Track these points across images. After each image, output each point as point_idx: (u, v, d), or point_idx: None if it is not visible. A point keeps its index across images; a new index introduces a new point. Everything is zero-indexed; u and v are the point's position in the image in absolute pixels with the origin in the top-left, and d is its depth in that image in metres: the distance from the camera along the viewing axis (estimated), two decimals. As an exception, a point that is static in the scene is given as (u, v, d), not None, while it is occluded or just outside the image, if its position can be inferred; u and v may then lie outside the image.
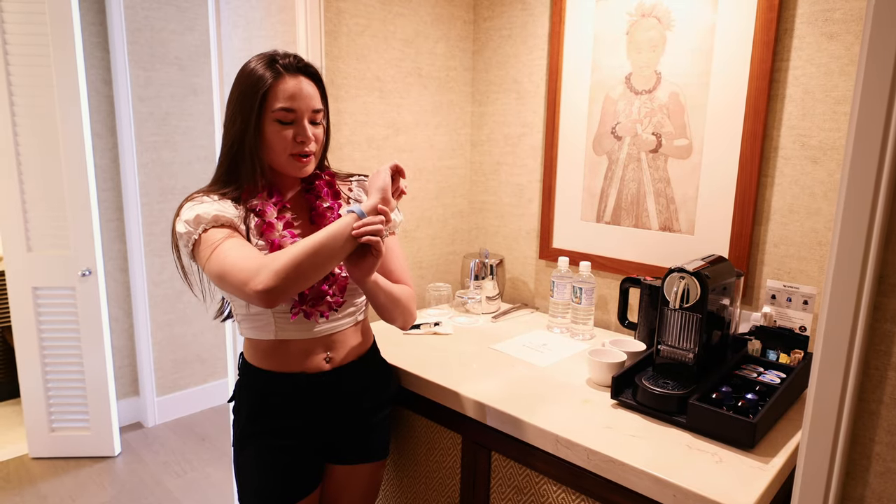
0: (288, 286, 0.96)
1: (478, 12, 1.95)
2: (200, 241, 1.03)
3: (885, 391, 0.72)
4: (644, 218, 1.61)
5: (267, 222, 1.09)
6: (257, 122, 1.05)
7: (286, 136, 1.07)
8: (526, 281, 1.94)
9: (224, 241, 1.02)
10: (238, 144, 1.07)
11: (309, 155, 1.10)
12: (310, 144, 1.09)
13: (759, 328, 1.34)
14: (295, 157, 1.09)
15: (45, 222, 2.38)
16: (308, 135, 1.08)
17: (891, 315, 0.71)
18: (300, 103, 1.06)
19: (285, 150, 1.08)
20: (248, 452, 1.16)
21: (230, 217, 1.05)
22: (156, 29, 2.71)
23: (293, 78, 1.06)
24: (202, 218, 1.03)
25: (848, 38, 1.23)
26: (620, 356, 1.31)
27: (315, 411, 1.17)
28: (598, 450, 1.02)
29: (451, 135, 1.98)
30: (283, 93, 1.05)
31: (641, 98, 1.56)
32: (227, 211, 1.06)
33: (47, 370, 2.49)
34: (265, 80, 1.04)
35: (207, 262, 1.02)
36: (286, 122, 1.06)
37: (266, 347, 1.14)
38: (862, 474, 0.75)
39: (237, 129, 1.06)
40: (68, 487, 2.40)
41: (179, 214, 1.06)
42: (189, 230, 1.04)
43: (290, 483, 1.16)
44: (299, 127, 1.07)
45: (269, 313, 1.11)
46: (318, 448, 1.20)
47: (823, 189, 1.30)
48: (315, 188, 1.19)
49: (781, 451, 1.03)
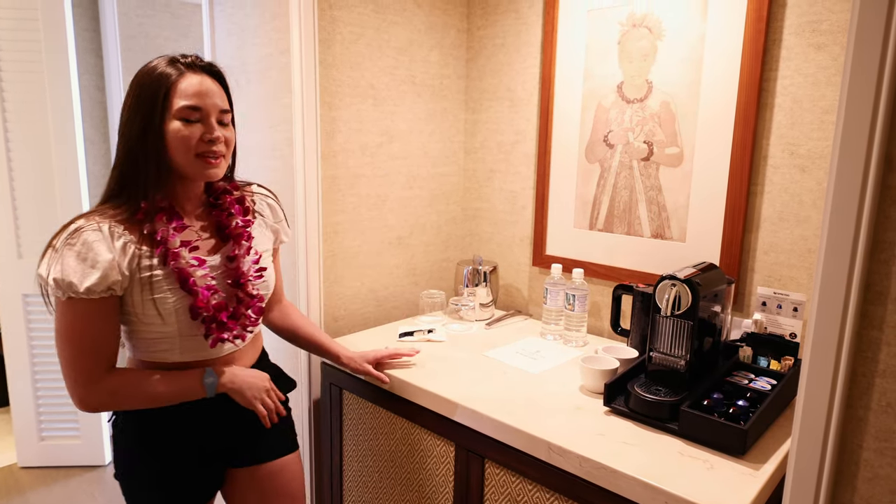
0: (110, 409, 1.04)
1: (471, 21, 1.96)
2: (60, 305, 0.97)
3: (872, 398, 0.73)
4: (636, 225, 1.62)
5: (171, 252, 1.01)
6: (160, 122, 0.98)
7: (192, 133, 1.00)
8: (519, 288, 1.95)
9: (82, 321, 0.97)
10: (139, 148, 0.98)
11: (218, 157, 1.03)
12: (219, 144, 1.02)
13: (750, 335, 1.35)
14: (202, 158, 1.01)
15: (36, 229, 2.36)
16: (216, 133, 1.01)
17: (877, 322, 0.71)
18: (206, 101, 1.00)
19: (190, 149, 1.00)
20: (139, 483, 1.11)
21: (109, 281, 0.96)
22: (150, 36, 2.72)
23: (196, 75, 1.01)
24: (74, 287, 0.93)
25: (835, 49, 1.25)
26: (613, 363, 1.31)
27: (208, 429, 1.13)
28: (591, 457, 1.03)
29: (444, 142, 1.99)
30: (188, 90, 0.99)
31: (633, 107, 1.58)
32: (108, 265, 0.95)
33: (37, 378, 2.46)
34: (168, 76, 0.98)
35: (57, 329, 0.98)
36: (192, 120, 1.00)
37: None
38: (850, 480, 0.76)
39: (136, 131, 0.98)
40: (58, 497, 2.37)
41: (56, 250, 0.95)
42: (53, 287, 0.94)
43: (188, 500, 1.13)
44: (207, 125, 1.01)
45: (176, 337, 1.05)
46: (212, 457, 1.15)
47: (812, 197, 1.32)
48: (222, 203, 1.12)
49: (772, 457, 1.03)
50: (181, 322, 1.04)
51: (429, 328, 1.68)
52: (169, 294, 1.02)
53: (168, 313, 1.02)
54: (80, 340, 0.98)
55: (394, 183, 1.85)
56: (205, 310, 1.04)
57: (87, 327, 0.98)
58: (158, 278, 1.01)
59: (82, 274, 0.94)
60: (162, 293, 1.01)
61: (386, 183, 1.82)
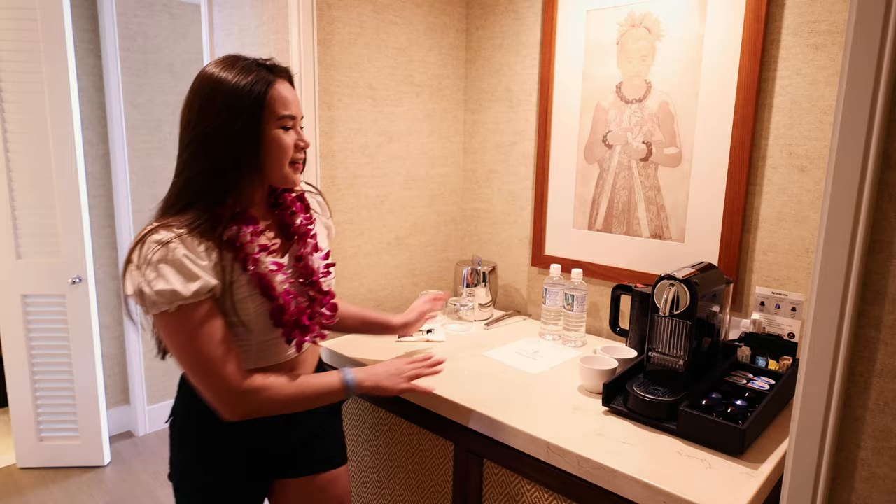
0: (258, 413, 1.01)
1: (470, 21, 1.96)
2: (170, 319, 0.92)
3: (869, 397, 0.73)
4: (635, 225, 1.62)
5: (251, 258, 1.00)
6: (263, 130, 0.96)
7: (290, 142, 1.00)
8: (518, 288, 1.95)
9: (201, 326, 0.93)
10: (229, 154, 0.94)
11: (302, 161, 1.06)
12: (307, 151, 1.05)
13: (749, 335, 1.35)
14: (293, 166, 1.03)
15: (35, 229, 2.37)
16: (308, 141, 1.04)
17: (874, 322, 0.72)
18: (296, 109, 1.01)
19: (288, 157, 1.01)
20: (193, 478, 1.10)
21: (210, 284, 0.94)
22: (149, 36, 2.72)
23: (285, 81, 1.01)
24: (179, 294, 0.90)
25: (833, 49, 1.25)
26: (612, 363, 1.31)
27: (269, 437, 1.11)
28: (589, 457, 1.03)
29: (443, 142, 1.99)
30: (285, 98, 0.98)
31: (632, 107, 1.58)
32: (203, 270, 0.93)
33: (36, 378, 2.46)
34: (264, 83, 0.96)
35: (178, 345, 0.94)
36: (288, 128, 1.00)
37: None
38: (848, 479, 0.76)
39: (231, 138, 0.94)
40: (57, 498, 2.37)
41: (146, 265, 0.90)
42: (157, 301, 0.90)
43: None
44: (298, 133, 1.02)
45: (254, 343, 1.03)
46: (265, 468, 1.14)
47: (811, 197, 1.32)
48: (283, 202, 1.12)
49: (770, 456, 1.03)
50: (260, 327, 1.02)
51: (428, 328, 1.68)
52: (249, 301, 1.00)
53: (249, 320, 1.00)
54: (209, 346, 0.94)
55: (392, 183, 1.85)
56: (290, 316, 1.02)
57: (208, 331, 0.94)
58: (240, 285, 0.99)
59: (183, 280, 0.91)
60: (242, 299, 0.99)
61: (385, 183, 1.82)
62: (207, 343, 0.93)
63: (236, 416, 0.98)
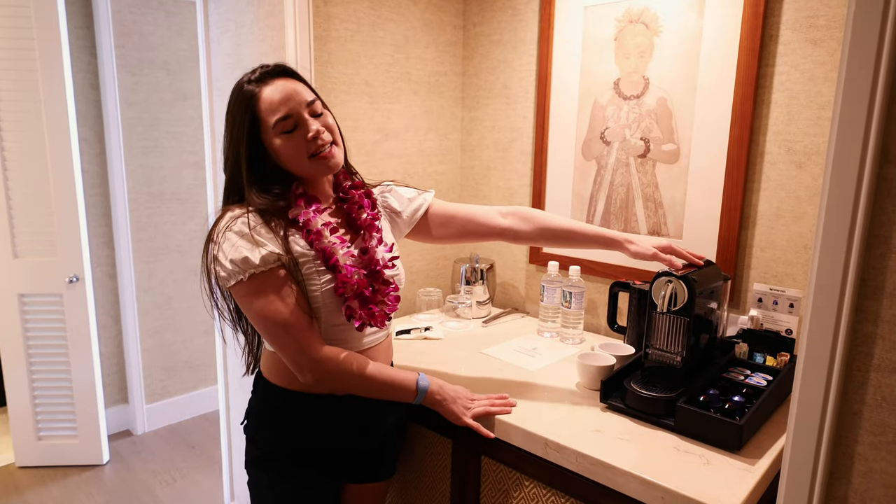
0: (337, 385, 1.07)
1: (467, 18, 1.96)
2: (246, 289, 0.99)
3: (867, 392, 0.73)
4: (633, 222, 1.62)
5: (315, 231, 1.05)
6: (265, 142, 1.03)
7: (297, 142, 1.02)
8: (516, 285, 1.95)
9: (273, 292, 0.99)
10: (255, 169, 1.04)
11: (327, 146, 1.04)
12: (322, 135, 1.03)
13: (746, 331, 1.36)
14: (316, 157, 1.04)
15: (31, 228, 2.36)
16: (314, 128, 1.02)
17: (872, 317, 0.72)
18: (291, 103, 1.01)
19: (302, 156, 1.03)
20: (268, 475, 1.13)
21: (276, 251, 1.00)
22: (144, 33, 2.70)
23: (270, 84, 1.02)
24: (250, 261, 0.98)
25: (831, 45, 1.25)
26: (609, 360, 1.31)
27: (343, 432, 1.14)
28: (587, 453, 1.03)
29: (441, 140, 1.98)
30: (272, 102, 1.01)
31: (630, 103, 1.58)
32: (269, 241, 1.00)
33: (34, 378, 2.46)
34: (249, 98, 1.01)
35: (257, 314, 0.99)
36: (289, 129, 1.02)
37: None
38: (845, 474, 0.76)
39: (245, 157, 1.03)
40: (56, 497, 2.37)
41: (222, 237, 0.99)
42: (232, 270, 0.98)
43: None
44: (302, 125, 1.02)
45: (323, 327, 1.07)
46: (337, 470, 1.17)
47: (808, 193, 1.32)
48: (352, 198, 1.16)
49: (768, 452, 1.03)
50: (327, 307, 1.05)
51: (426, 326, 1.68)
52: (315, 276, 1.03)
53: (315, 297, 1.04)
54: (285, 310, 0.99)
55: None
56: (349, 285, 1.05)
57: (281, 297, 0.99)
58: (307, 260, 1.04)
59: (251, 249, 0.98)
60: (309, 274, 1.04)
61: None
62: (283, 308, 0.99)
63: (311, 381, 1.03)
